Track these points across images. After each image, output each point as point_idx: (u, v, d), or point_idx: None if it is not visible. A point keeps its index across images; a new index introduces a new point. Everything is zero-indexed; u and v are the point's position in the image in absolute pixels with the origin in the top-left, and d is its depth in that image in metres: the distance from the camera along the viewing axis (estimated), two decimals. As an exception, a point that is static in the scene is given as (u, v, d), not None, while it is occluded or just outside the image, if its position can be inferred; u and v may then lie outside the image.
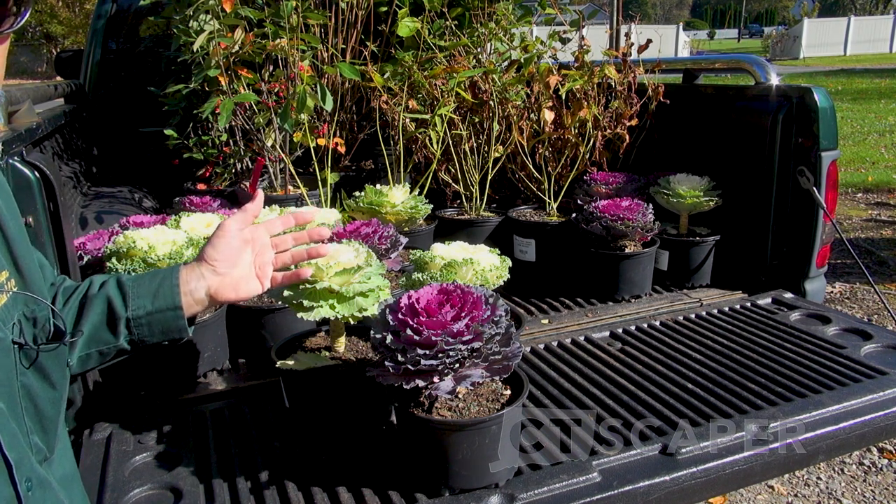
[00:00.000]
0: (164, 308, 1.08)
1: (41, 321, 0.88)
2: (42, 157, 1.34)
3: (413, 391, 1.16)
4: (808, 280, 2.11)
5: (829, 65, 25.01)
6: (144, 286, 1.09)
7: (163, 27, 2.61)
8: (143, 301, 1.08)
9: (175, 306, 1.08)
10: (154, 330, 1.08)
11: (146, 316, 1.07)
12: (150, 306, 1.08)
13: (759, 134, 2.13)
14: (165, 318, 1.08)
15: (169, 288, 1.09)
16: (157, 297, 1.08)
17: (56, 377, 0.91)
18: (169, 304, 1.08)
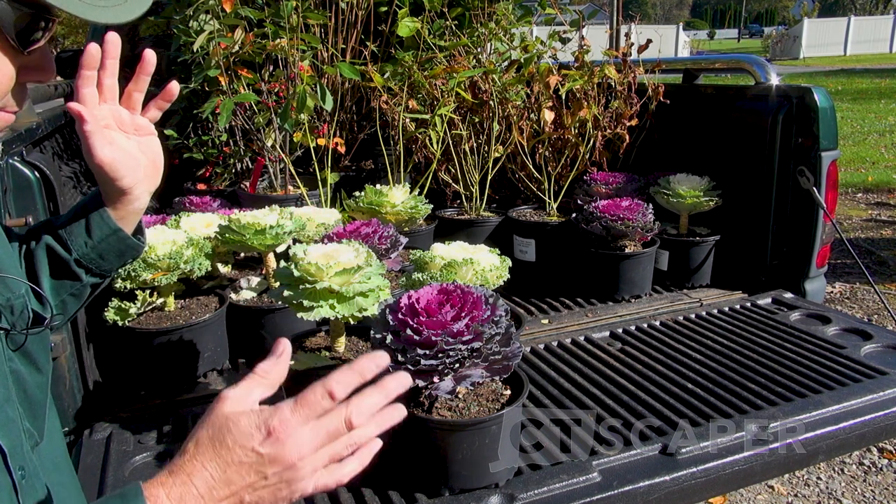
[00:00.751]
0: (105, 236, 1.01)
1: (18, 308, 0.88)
2: (42, 157, 1.34)
3: (413, 391, 1.16)
4: (808, 280, 2.11)
5: (829, 65, 25.01)
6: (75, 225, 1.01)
7: (163, 27, 2.61)
8: (82, 238, 1.01)
9: (114, 230, 1.01)
10: (107, 257, 1.03)
11: (91, 251, 1.01)
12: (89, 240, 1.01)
13: (759, 134, 2.13)
14: (110, 243, 1.02)
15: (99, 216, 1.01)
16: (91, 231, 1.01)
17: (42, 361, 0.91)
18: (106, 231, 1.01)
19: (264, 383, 0.75)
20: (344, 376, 0.72)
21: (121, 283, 1.56)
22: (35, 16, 0.71)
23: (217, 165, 2.77)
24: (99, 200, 1.02)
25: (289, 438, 0.69)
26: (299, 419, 0.70)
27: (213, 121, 2.55)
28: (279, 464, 0.69)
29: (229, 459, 0.69)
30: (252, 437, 0.69)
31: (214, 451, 0.69)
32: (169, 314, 1.66)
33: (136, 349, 1.55)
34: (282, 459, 0.69)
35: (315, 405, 0.71)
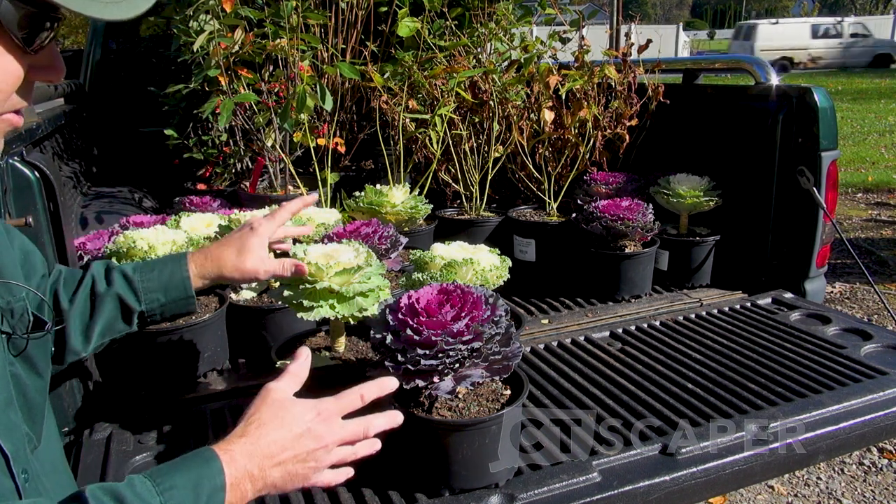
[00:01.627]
0: (178, 298, 1.17)
1: (18, 312, 0.89)
2: (42, 157, 1.34)
3: (413, 391, 1.16)
4: (808, 280, 2.11)
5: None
6: (154, 280, 1.16)
7: (163, 27, 2.62)
8: (156, 294, 1.16)
9: (188, 296, 1.18)
10: (166, 315, 1.19)
11: (160, 307, 1.17)
12: (163, 299, 1.16)
13: (759, 134, 2.13)
14: (178, 305, 1.18)
15: (180, 280, 1.17)
16: (168, 291, 1.16)
17: (41, 366, 0.93)
18: (181, 294, 1.17)
19: (296, 380, 0.92)
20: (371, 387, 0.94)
21: (121, 283, 1.56)
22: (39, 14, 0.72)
23: (217, 165, 2.77)
24: (184, 266, 1.19)
25: (331, 420, 0.88)
26: (338, 408, 0.90)
27: (213, 121, 2.55)
28: (319, 441, 0.85)
29: (292, 428, 0.84)
30: (307, 413, 0.86)
31: (280, 422, 0.85)
32: (169, 314, 1.66)
33: (137, 349, 1.55)
34: (322, 437, 0.86)
35: (352, 401, 0.91)
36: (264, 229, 1.26)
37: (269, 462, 0.82)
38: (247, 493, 0.80)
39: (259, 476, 0.81)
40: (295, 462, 0.84)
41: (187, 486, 0.74)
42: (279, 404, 0.87)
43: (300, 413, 0.86)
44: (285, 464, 0.83)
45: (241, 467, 0.79)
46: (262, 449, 0.82)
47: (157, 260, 1.21)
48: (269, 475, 0.82)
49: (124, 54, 3.33)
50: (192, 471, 0.76)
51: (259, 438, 0.83)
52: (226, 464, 0.78)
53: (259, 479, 0.81)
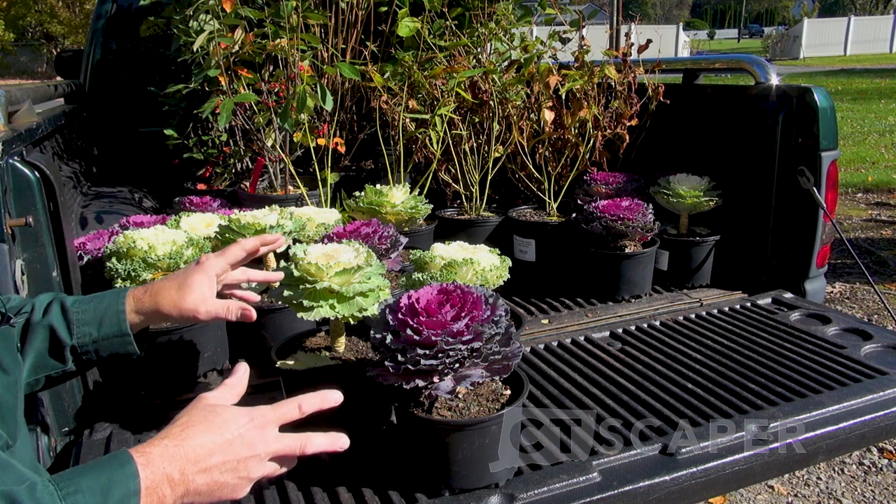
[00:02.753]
0: (112, 335, 1.06)
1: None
2: (42, 157, 1.34)
3: (413, 391, 1.16)
4: (808, 280, 2.11)
5: (829, 65, 25.00)
6: (90, 311, 1.06)
7: (163, 27, 2.62)
8: (89, 328, 1.05)
9: (122, 333, 1.07)
10: (102, 354, 1.07)
11: (92, 343, 1.06)
12: (95, 333, 1.06)
13: (759, 134, 2.13)
14: (113, 344, 1.07)
15: (115, 314, 1.07)
16: (102, 325, 1.06)
17: (7, 362, 0.92)
18: (115, 331, 1.07)
19: (232, 392, 0.90)
20: (313, 399, 0.89)
21: (121, 283, 1.56)
22: None
23: (217, 165, 2.78)
24: (122, 301, 1.09)
25: (265, 428, 0.83)
26: (274, 417, 0.85)
27: (213, 121, 2.56)
28: (251, 448, 0.80)
29: (221, 433, 0.80)
30: (240, 419, 0.82)
31: (207, 425, 0.80)
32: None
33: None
34: (254, 445, 0.81)
35: (289, 411, 0.87)
36: (210, 265, 1.17)
37: (193, 467, 0.76)
38: (165, 498, 0.74)
39: (180, 481, 0.75)
40: (223, 470, 0.78)
41: (94, 490, 0.69)
42: (210, 409, 0.83)
43: (232, 418, 0.81)
44: (212, 471, 0.77)
45: (158, 470, 0.73)
46: (186, 452, 0.76)
47: (99, 293, 1.12)
48: (193, 481, 0.76)
49: (124, 54, 3.33)
50: (103, 474, 0.71)
51: (183, 441, 0.77)
52: (141, 467, 0.72)
53: (180, 485, 0.75)
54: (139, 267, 1.56)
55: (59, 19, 21.84)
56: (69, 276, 1.41)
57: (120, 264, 1.57)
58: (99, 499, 0.69)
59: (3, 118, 1.41)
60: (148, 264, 1.56)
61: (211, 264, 1.18)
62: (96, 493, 0.69)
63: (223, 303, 1.15)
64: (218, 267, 1.18)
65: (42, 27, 23.04)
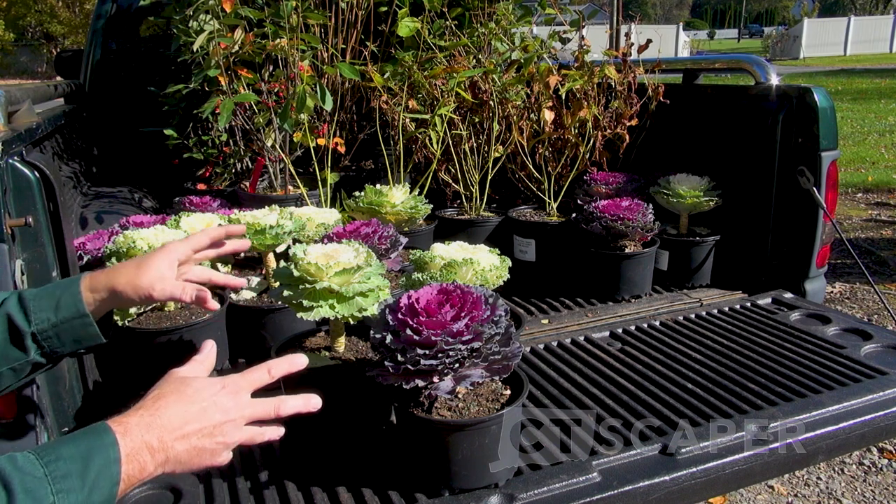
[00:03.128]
0: (70, 318, 1.03)
1: None
2: (42, 157, 1.34)
3: (413, 391, 1.16)
4: (808, 280, 2.11)
5: (829, 65, 25.00)
6: (46, 298, 1.04)
7: (163, 27, 2.62)
8: (46, 314, 1.02)
9: (80, 314, 1.04)
10: (64, 340, 1.03)
11: (52, 328, 1.02)
12: (53, 317, 1.02)
13: (759, 134, 2.13)
14: (72, 327, 1.03)
15: (70, 296, 1.04)
16: (59, 308, 1.03)
17: None
18: (73, 312, 1.03)
19: (201, 367, 0.92)
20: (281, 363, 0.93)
21: (121, 283, 1.56)
22: None
23: (217, 165, 2.78)
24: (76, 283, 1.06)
25: (238, 394, 0.85)
26: (246, 383, 0.88)
27: (213, 121, 2.56)
28: (226, 414, 0.83)
29: (195, 401, 0.82)
30: (212, 387, 0.84)
31: (179, 395, 0.82)
32: (169, 314, 1.66)
33: (136, 349, 1.55)
34: (228, 411, 0.83)
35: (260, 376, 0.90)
36: (172, 248, 1.15)
37: (171, 435, 0.78)
38: (146, 465, 0.76)
39: (160, 448, 0.77)
40: (201, 436, 0.80)
41: (75, 458, 0.71)
42: (181, 380, 0.85)
43: (204, 387, 0.84)
44: (189, 437, 0.79)
45: (136, 438, 0.75)
46: (163, 421, 0.78)
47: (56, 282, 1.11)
48: (173, 448, 0.78)
49: (124, 54, 3.33)
50: (82, 443, 0.73)
51: (158, 409, 0.79)
52: (119, 435, 0.74)
53: (160, 452, 0.77)
54: (139, 267, 1.55)
55: (59, 19, 21.84)
56: (69, 276, 1.40)
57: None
58: (79, 466, 0.70)
59: (3, 118, 1.41)
60: (148, 264, 1.56)
61: (173, 247, 1.16)
62: (76, 460, 0.71)
63: (179, 283, 1.12)
64: (180, 251, 1.16)
65: (42, 27, 23.03)
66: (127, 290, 1.08)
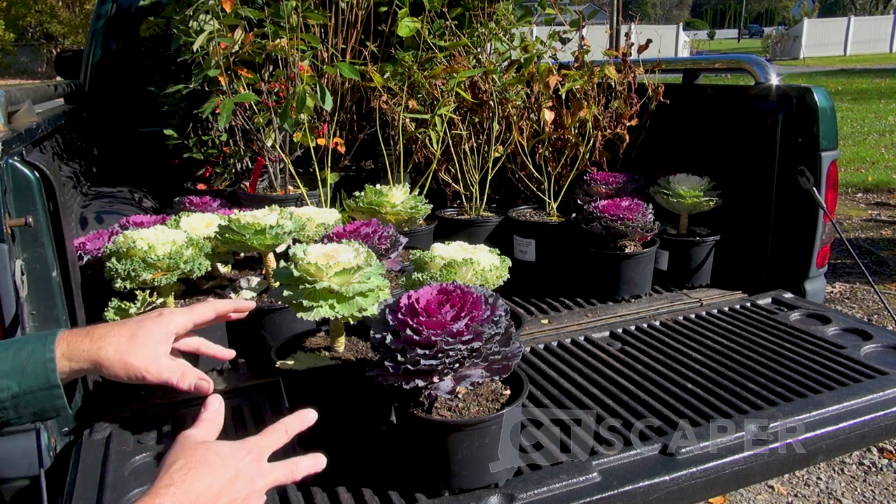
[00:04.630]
0: (36, 388, 0.88)
1: None
2: (42, 157, 1.34)
3: (413, 391, 1.16)
4: (808, 280, 2.11)
5: (829, 65, 25.00)
6: (7, 361, 0.88)
7: (163, 27, 2.62)
8: (6, 381, 0.87)
9: (50, 385, 0.88)
10: (22, 413, 0.89)
11: (11, 399, 0.87)
12: (15, 387, 0.87)
13: (759, 134, 2.13)
14: (38, 399, 0.88)
15: (41, 362, 0.88)
16: (24, 375, 0.88)
17: None
18: (41, 381, 0.88)
19: (212, 426, 0.86)
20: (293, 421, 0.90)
21: (120, 283, 1.56)
22: None
23: (217, 165, 2.78)
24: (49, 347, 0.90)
25: (261, 461, 0.83)
26: (267, 448, 0.85)
27: (213, 121, 2.56)
28: (252, 484, 0.80)
29: (222, 471, 0.78)
30: (236, 454, 0.80)
31: (209, 466, 0.77)
32: (169, 314, 1.66)
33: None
34: (254, 480, 0.80)
35: (279, 438, 0.87)
36: (171, 321, 1.01)
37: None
38: None
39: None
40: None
41: None
42: (204, 447, 0.79)
43: (228, 454, 0.80)
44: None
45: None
46: (196, 498, 0.74)
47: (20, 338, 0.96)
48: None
49: (124, 54, 3.33)
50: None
51: (190, 485, 0.74)
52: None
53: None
54: (139, 267, 1.56)
55: (59, 19, 21.84)
56: (69, 276, 1.41)
57: (120, 264, 1.57)
58: None
59: (3, 118, 1.41)
60: (148, 264, 1.56)
61: (172, 319, 1.02)
62: None
63: (177, 367, 0.99)
64: (180, 324, 1.03)
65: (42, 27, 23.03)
66: (114, 366, 0.93)
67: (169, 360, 0.99)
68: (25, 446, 1.31)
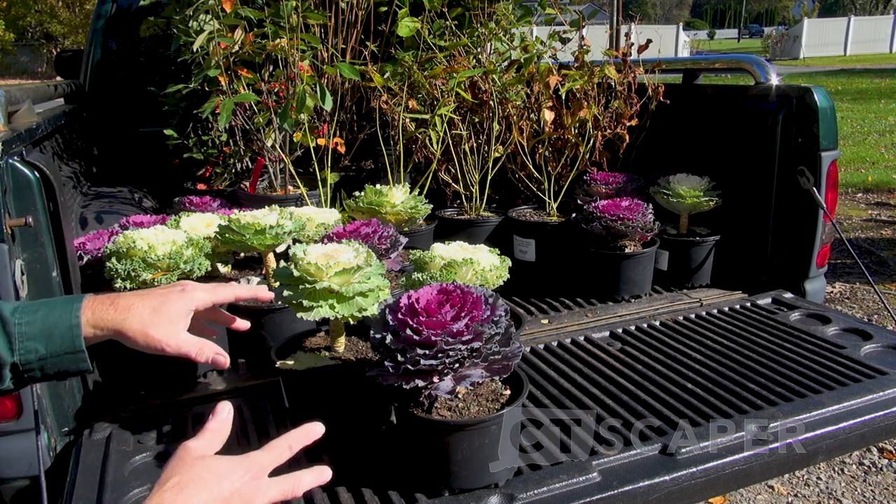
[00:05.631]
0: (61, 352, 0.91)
1: None
2: (42, 157, 1.34)
3: (413, 391, 1.16)
4: (808, 280, 2.11)
5: (829, 65, 25.00)
6: (36, 323, 0.91)
7: (163, 27, 2.62)
8: (34, 343, 0.90)
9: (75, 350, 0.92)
10: (48, 372, 0.92)
11: (38, 361, 0.91)
12: (42, 350, 0.90)
13: (759, 134, 2.13)
14: (63, 362, 0.92)
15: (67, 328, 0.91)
16: (51, 339, 0.91)
17: None
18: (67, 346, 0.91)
19: (217, 437, 0.83)
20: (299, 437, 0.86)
21: (120, 283, 1.56)
22: None
23: (217, 165, 2.78)
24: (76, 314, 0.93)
25: (260, 478, 0.79)
26: (268, 463, 0.82)
27: (213, 121, 2.56)
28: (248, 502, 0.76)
29: (220, 490, 0.74)
30: (234, 472, 0.77)
31: (202, 482, 0.74)
32: (169, 314, 1.66)
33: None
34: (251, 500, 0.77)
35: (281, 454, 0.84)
36: (195, 297, 1.02)
37: None
38: None
39: None
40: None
41: None
42: (200, 463, 0.76)
43: (225, 471, 0.76)
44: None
45: None
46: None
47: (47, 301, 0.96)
48: None
49: (124, 54, 3.33)
50: None
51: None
52: None
53: None
54: (139, 267, 1.56)
55: (59, 19, 21.83)
56: (69, 276, 1.41)
57: (120, 264, 1.57)
58: None
59: (3, 118, 1.41)
60: (148, 264, 1.56)
61: (197, 296, 1.02)
62: None
63: (195, 341, 1.01)
64: (202, 301, 1.03)
65: (42, 27, 23.03)
66: (136, 337, 0.97)
67: (187, 335, 1.00)
68: (25, 446, 1.31)
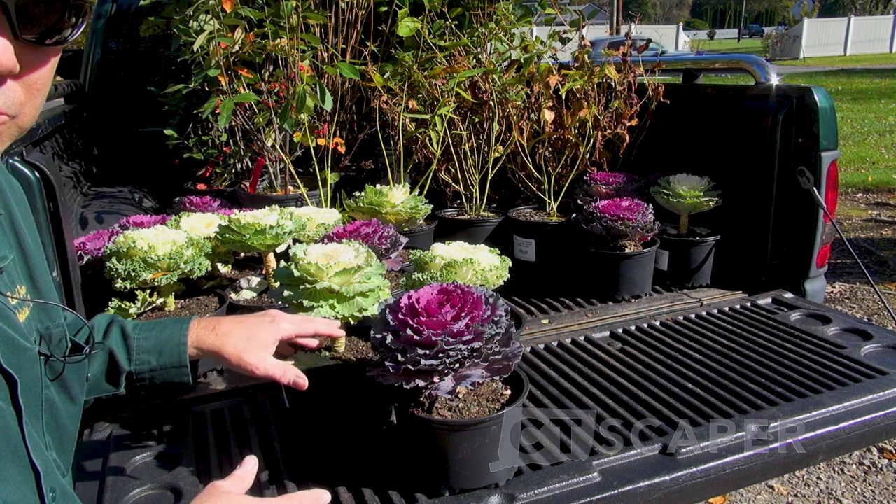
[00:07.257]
0: (170, 365, 1.09)
1: (56, 337, 0.87)
2: (42, 157, 1.34)
3: (413, 391, 1.16)
4: (808, 280, 2.11)
5: (829, 65, 25.01)
6: (151, 339, 1.09)
7: (163, 27, 2.62)
8: (148, 356, 1.09)
9: (181, 364, 1.10)
10: (156, 383, 1.10)
11: (149, 371, 1.09)
12: (154, 362, 1.09)
13: (759, 134, 2.13)
14: (170, 374, 1.10)
15: (175, 346, 1.10)
16: (162, 354, 1.09)
17: (76, 392, 0.92)
18: (174, 360, 1.09)
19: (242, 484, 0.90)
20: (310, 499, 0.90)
21: (121, 283, 1.56)
22: None
23: (217, 165, 2.78)
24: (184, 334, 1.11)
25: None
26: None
27: (213, 121, 2.56)
28: None
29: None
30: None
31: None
32: (169, 314, 1.66)
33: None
34: None
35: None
36: (283, 329, 1.17)
37: None
38: None
39: None
40: None
41: None
42: (227, 497, 0.85)
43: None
44: None
45: None
46: None
47: (160, 321, 1.15)
48: None
49: (124, 54, 3.33)
50: None
51: None
52: None
53: None
54: (139, 267, 1.56)
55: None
56: (69, 276, 1.41)
57: (120, 264, 1.57)
58: None
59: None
60: (148, 264, 1.56)
61: (283, 328, 1.17)
62: None
63: (281, 366, 1.14)
64: (287, 333, 1.18)
65: (42, 27, 23.00)
66: (232, 359, 1.12)
67: (273, 360, 1.15)
68: (26, 446, 1.31)
